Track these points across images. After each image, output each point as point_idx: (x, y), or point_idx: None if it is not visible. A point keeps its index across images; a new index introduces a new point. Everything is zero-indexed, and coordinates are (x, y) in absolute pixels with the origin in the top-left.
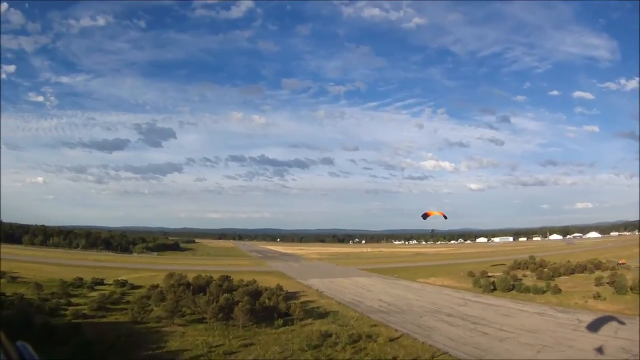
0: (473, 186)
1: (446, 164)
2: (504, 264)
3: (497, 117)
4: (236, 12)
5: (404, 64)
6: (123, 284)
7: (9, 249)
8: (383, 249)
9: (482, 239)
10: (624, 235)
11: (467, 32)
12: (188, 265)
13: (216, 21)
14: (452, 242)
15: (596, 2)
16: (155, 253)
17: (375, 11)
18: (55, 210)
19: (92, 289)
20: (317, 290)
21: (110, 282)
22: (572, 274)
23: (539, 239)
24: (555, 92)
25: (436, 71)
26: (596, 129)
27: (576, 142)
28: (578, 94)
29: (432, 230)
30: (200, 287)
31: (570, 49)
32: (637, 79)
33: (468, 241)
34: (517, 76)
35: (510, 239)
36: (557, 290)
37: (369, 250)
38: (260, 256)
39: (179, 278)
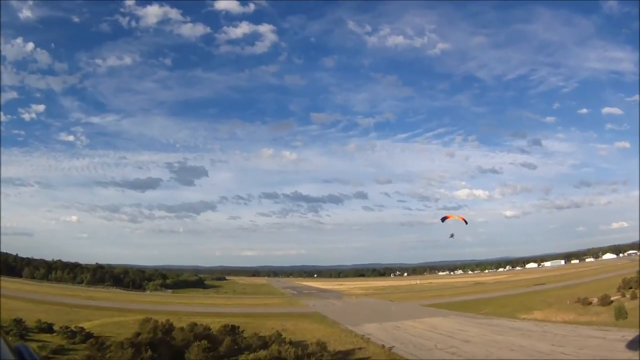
0: (508, 213)
1: (480, 192)
2: (543, 284)
3: (528, 140)
4: (261, 47)
5: (431, 92)
6: (74, 333)
7: None
8: (431, 280)
9: (532, 265)
10: None
11: (492, 55)
12: (200, 306)
13: (241, 57)
14: (500, 269)
15: (616, 13)
16: (170, 291)
17: (399, 39)
18: (89, 248)
19: (22, 337)
20: (383, 346)
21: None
22: None
23: (592, 259)
24: (584, 110)
25: (464, 98)
26: (627, 144)
27: (608, 160)
28: (607, 110)
29: (452, 235)
30: (177, 346)
31: (594, 64)
32: None
33: (517, 267)
34: (545, 97)
35: (562, 262)
36: None
37: (418, 282)
38: (295, 293)
39: (153, 328)
